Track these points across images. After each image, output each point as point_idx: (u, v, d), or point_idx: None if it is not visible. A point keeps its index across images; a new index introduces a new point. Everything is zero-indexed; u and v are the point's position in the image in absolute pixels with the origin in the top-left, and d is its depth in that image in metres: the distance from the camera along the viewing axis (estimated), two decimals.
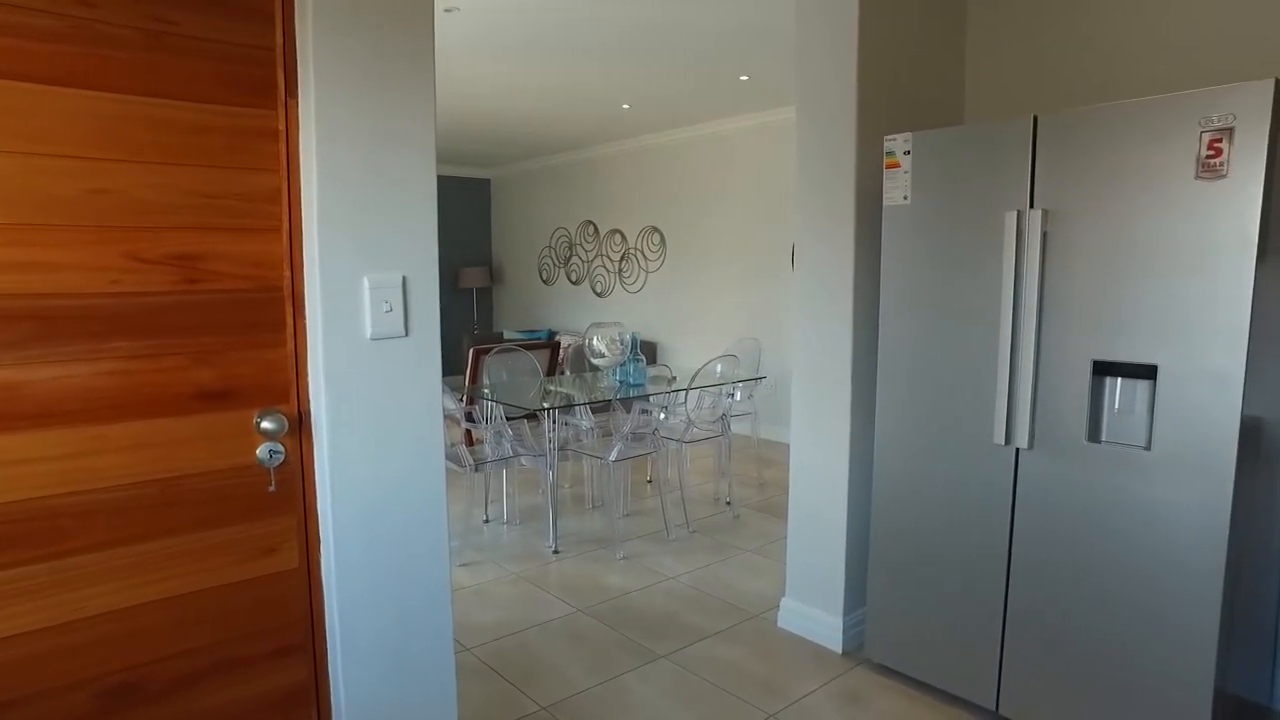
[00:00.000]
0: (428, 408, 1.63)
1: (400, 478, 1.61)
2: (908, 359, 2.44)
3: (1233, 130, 1.76)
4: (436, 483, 1.66)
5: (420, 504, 1.64)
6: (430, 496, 1.65)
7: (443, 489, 1.68)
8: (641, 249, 7.61)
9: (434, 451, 1.65)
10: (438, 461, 1.66)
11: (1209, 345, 1.83)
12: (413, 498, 1.63)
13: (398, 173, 1.54)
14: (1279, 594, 2.36)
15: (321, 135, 1.44)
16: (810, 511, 2.84)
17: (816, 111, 2.66)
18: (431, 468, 1.65)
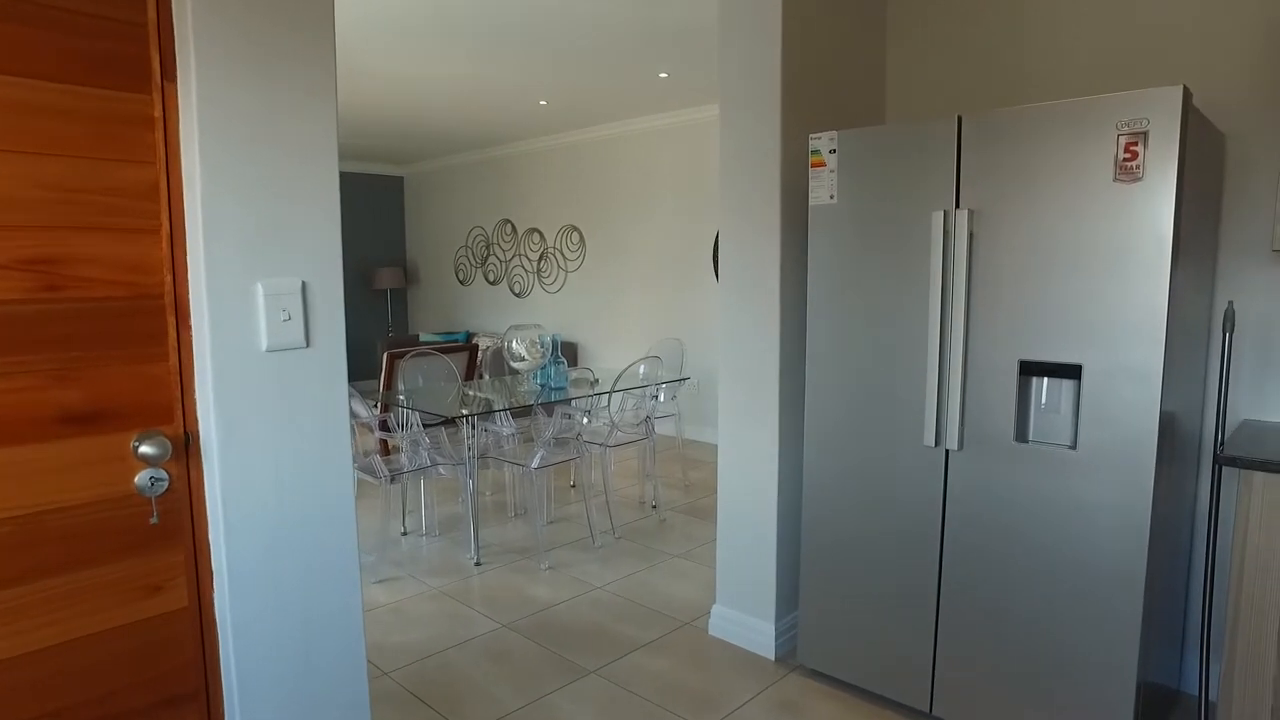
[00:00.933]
0: (333, 424, 1.49)
1: (304, 503, 1.46)
2: (836, 360, 2.42)
3: (1147, 134, 1.79)
4: (344, 507, 1.52)
5: (327, 531, 1.50)
6: (338, 522, 1.51)
7: (352, 514, 1.54)
8: (561, 248, 7.48)
9: (341, 472, 1.51)
10: (345, 484, 1.52)
11: (1130, 344, 1.86)
12: (319, 524, 1.49)
13: (295, 167, 1.40)
14: (1185, 581, 2.45)
15: (205, 123, 1.28)
16: (739, 516, 2.79)
17: (740, 109, 2.62)
18: (338, 491, 1.50)
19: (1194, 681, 2.47)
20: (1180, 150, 1.76)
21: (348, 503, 1.52)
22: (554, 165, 7.44)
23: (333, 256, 1.46)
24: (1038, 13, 2.62)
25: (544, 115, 6.35)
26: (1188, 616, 2.48)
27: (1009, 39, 2.69)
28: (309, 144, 1.41)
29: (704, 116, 6.07)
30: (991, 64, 2.74)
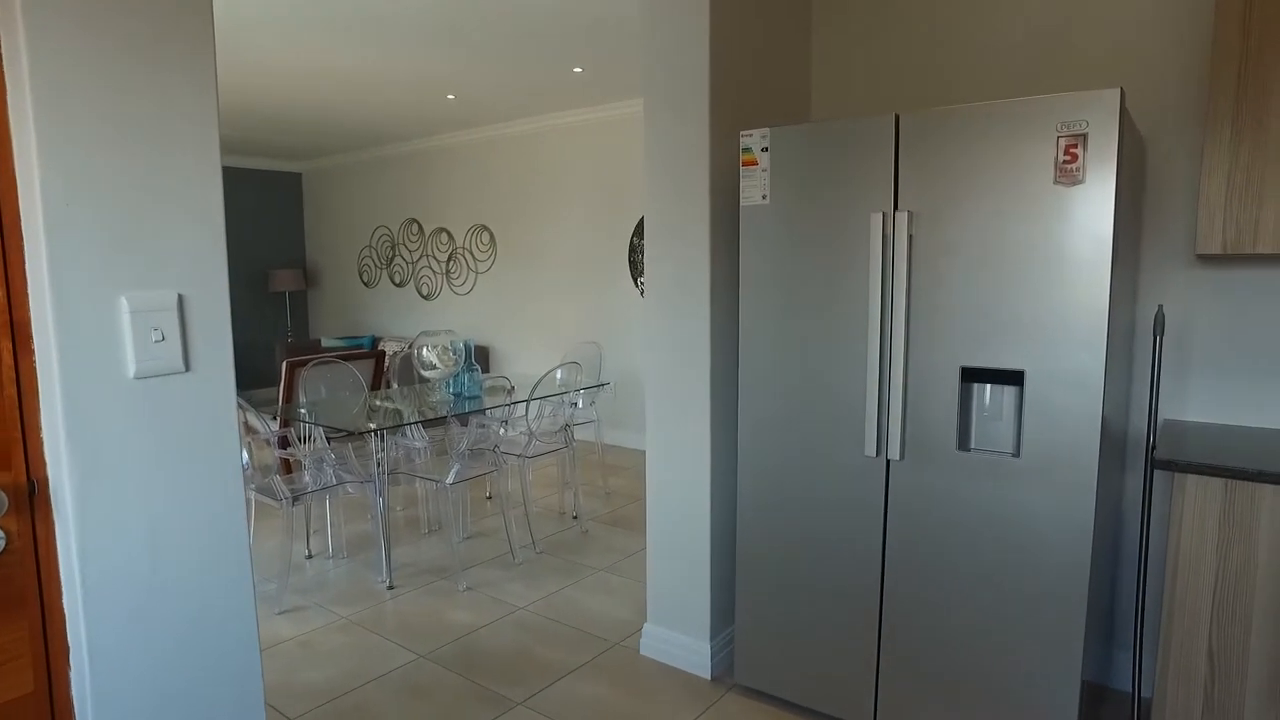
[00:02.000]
0: (220, 460, 1.27)
1: (185, 554, 1.24)
2: (771, 367, 2.32)
3: (1086, 136, 1.76)
4: (236, 554, 1.31)
5: (215, 583, 1.28)
6: (228, 571, 1.30)
7: (246, 563, 1.32)
8: (470, 248, 7.21)
9: (231, 514, 1.29)
10: (236, 527, 1.30)
11: (1072, 349, 1.83)
12: (205, 577, 1.27)
13: (166, 159, 1.18)
14: (1113, 579, 2.48)
15: (42, 100, 1.05)
16: (670, 531, 2.67)
17: (665, 105, 2.49)
18: (230, 540, 1.29)
19: (1122, 677, 2.50)
20: (1119, 153, 1.73)
21: (240, 549, 1.31)
22: (463, 162, 7.16)
23: (215, 264, 1.24)
24: (959, 10, 2.60)
25: (452, 110, 6.08)
26: (1115, 614, 2.52)
27: (932, 36, 2.66)
28: (183, 132, 1.19)
29: (621, 113, 5.94)
30: (916, 61, 2.71)
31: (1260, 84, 1.92)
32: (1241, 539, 1.84)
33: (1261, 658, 1.86)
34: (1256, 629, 1.85)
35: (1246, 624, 1.86)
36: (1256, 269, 2.20)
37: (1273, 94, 1.91)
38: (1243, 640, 1.87)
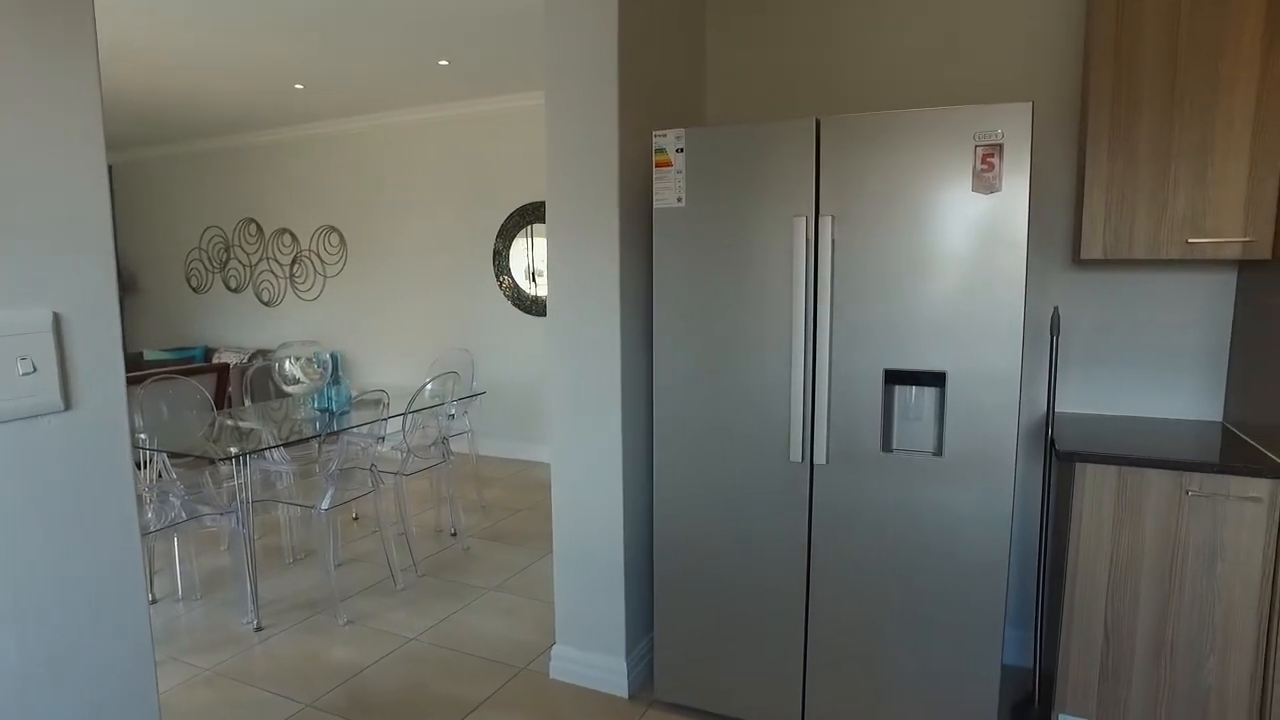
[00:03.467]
0: (112, 516, 1.04)
1: (69, 645, 1.00)
2: (688, 374, 2.27)
3: (1002, 147, 1.83)
4: (138, 646, 1.07)
5: (110, 672, 1.05)
6: (127, 656, 1.06)
7: (146, 640, 1.09)
8: (317, 251, 6.70)
9: (126, 584, 1.06)
10: (134, 601, 1.07)
11: (990, 350, 1.91)
12: (94, 663, 1.03)
13: (37, 143, 0.94)
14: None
15: None
16: (580, 546, 2.56)
17: (570, 102, 2.38)
18: (126, 611, 1.05)
19: (1017, 654, 2.66)
20: (1031, 163, 1.82)
21: (138, 621, 1.08)
22: (309, 158, 6.63)
23: (101, 276, 1.01)
24: (851, 22, 2.67)
25: (299, 101, 5.60)
26: (1009, 595, 2.68)
27: (825, 45, 2.72)
28: (57, 111, 0.96)
29: (490, 109, 5.71)
30: (808, 69, 2.75)
31: (1132, 104, 2.09)
32: (1132, 520, 1.99)
33: (1147, 625, 2.02)
34: (1144, 599, 2.01)
35: (1135, 596, 2.02)
36: (1131, 272, 2.41)
37: (1142, 117, 2.08)
38: (1132, 610, 2.03)
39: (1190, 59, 2.03)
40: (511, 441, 5.97)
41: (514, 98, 5.55)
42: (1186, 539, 1.95)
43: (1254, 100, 1.99)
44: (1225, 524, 1.91)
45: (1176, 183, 2.06)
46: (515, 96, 5.54)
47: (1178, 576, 1.97)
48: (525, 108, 5.58)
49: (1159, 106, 2.06)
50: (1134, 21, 2.07)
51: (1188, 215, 2.06)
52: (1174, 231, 2.07)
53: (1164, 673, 2.02)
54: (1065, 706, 2.12)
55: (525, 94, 5.50)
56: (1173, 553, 1.97)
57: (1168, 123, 2.06)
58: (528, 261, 5.74)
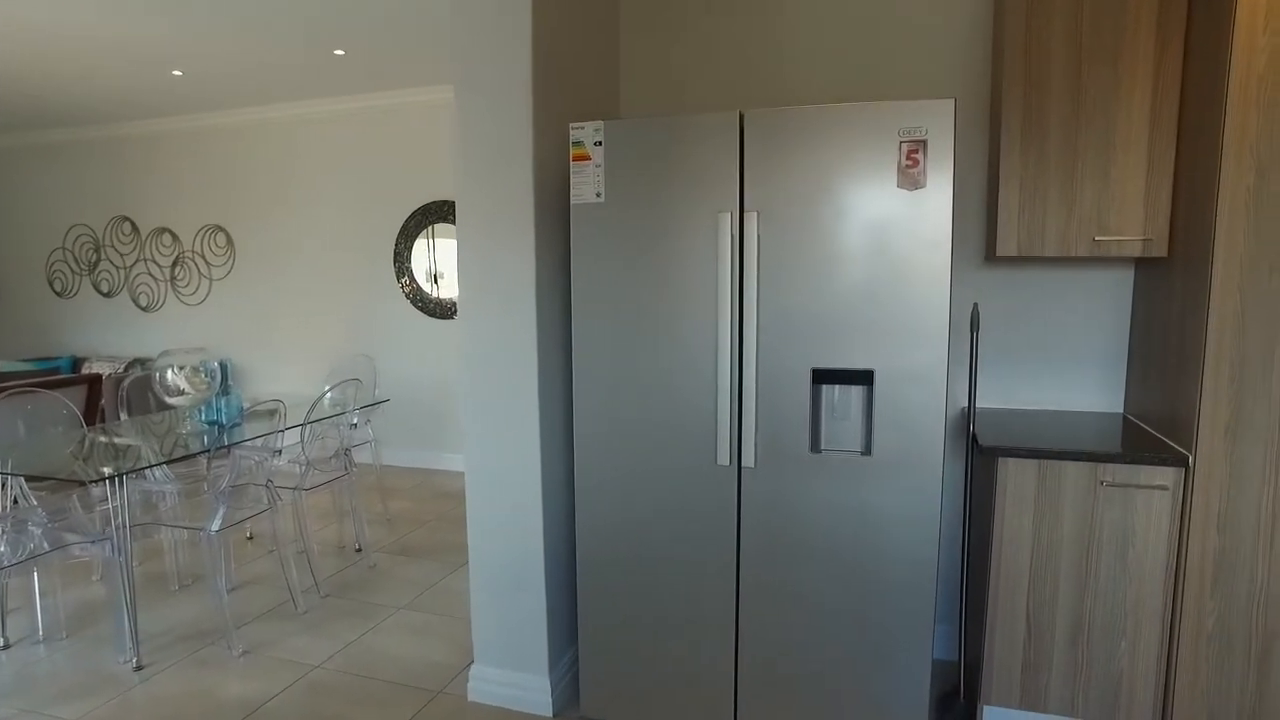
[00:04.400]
0: None
1: None
2: (610, 377, 2.18)
3: (926, 143, 1.83)
4: None
5: None
6: None
7: None
8: (201, 252, 6.25)
9: None
10: None
11: (917, 347, 1.90)
12: None
13: None
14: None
15: None
16: (498, 558, 2.43)
17: (480, 93, 2.25)
18: None
19: (941, 648, 2.70)
20: (954, 159, 1.82)
21: None
22: (192, 152, 6.18)
23: None
24: (764, 18, 2.65)
25: (179, 89, 5.19)
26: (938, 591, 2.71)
27: (740, 41, 2.69)
28: None
29: (391, 103, 5.45)
30: (724, 64, 2.72)
31: (1042, 103, 2.14)
32: (1051, 511, 2.04)
33: (1065, 613, 2.07)
34: (1063, 587, 2.06)
35: (1055, 585, 2.06)
36: (1041, 269, 2.48)
37: (1051, 116, 2.14)
38: (1052, 599, 2.07)
39: (1092, 60, 2.09)
40: (417, 450, 5.72)
41: (416, 91, 5.33)
42: (1101, 527, 2.00)
43: (1149, 102, 2.07)
44: (1135, 512, 1.98)
45: (1084, 180, 2.13)
46: (417, 90, 5.32)
47: (1093, 564, 2.02)
48: (428, 102, 5.36)
49: (1066, 105, 2.12)
50: (1042, 22, 2.12)
51: (1094, 213, 2.13)
52: (1082, 229, 2.14)
53: (1081, 657, 2.07)
54: (990, 698, 2.15)
55: (428, 88, 5.28)
56: (1089, 541, 2.02)
57: (1074, 121, 2.12)
58: (429, 263, 5.52)
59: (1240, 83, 1.77)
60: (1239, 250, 1.80)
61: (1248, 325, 1.82)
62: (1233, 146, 1.79)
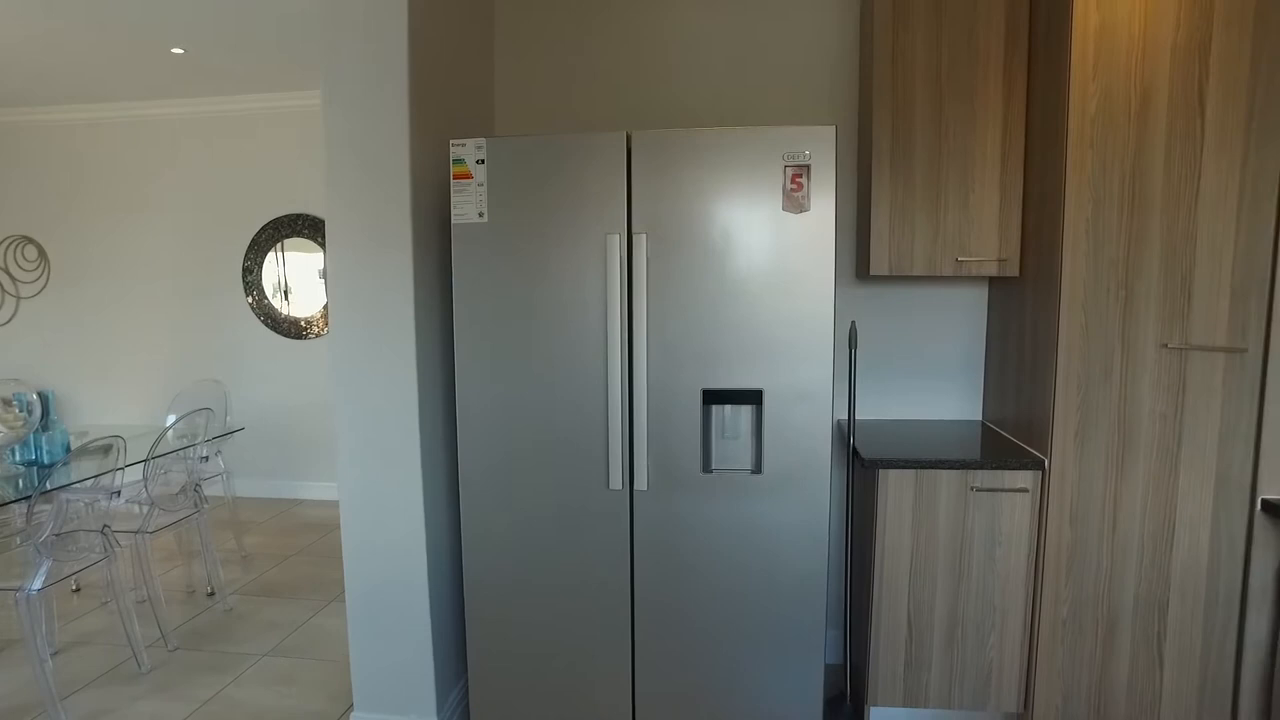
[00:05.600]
0: None
1: None
2: (496, 401, 2.11)
3: (810, 167, 1.90)
4: None
5: None
6: None
7: None
8: (6, 268, 5.55)
9: None
10: None
11: (804, 366, 1.96)
12: None
13: None
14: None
15: None
16: (378, 594, 2.29)
17: (352, 104, 2.12)
18: None
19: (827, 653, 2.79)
20: (837, 183, 1.90)
21: None
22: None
23: None
24: (639, 40, 2.68)
25: None
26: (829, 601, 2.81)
27: (614, 64, 2.70)
28: None
29: (239, 108, 5.04)
30: (602, 87, 2.71)
31: (908, 134, 2.28)
32: (928, 517, 2.16)
33: (943, 612, 2.20)
34: (939, 588, 2.19)
35: (933, 587, 2.19)
36: (909, 287, 2.63)
37: (916, 146, 2.28)
38: (930, 601, 2.20)
39: (952, 97, 2.25)
40: (274, 480, 5.33)
41: (268, 97, 4.98)
42: (972, 530, 2.15)
43: (1000, 137, 2.25)
44: (1001, 513, 2.13)
45: (947, 205, 2.28)
46: (269, 96, 4.97)
47: (966, 565, 2.16)
48: (280, 109, 5.02)
49: (931, 136, 2.27)
50: (907, 61, 2.26)
51: (956, 236, 2.29)
52: (947, 250, 2.29)
53: (957, 653, 2.21)
54: (876, 699, 2.25)
55: (282, 94, 4.95)
56: (961, 544, 2.15)
57: (938, 151, 2.27)
58: (278, 277, 5.17)
59: (1076, 124, 1.96)
60: (1081, 272, 1.99)
61: (1091, 340, 2.01)
62: (1073, 180, 1.97)
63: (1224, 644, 2.05)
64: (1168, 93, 1.92)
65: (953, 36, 2.24)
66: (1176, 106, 1.92)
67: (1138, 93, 1.93)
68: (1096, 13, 1.92)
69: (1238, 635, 2.04)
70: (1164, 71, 1.91)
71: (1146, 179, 1.95)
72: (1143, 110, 1.93)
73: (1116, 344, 2.00)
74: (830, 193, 1.90)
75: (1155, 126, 1.93)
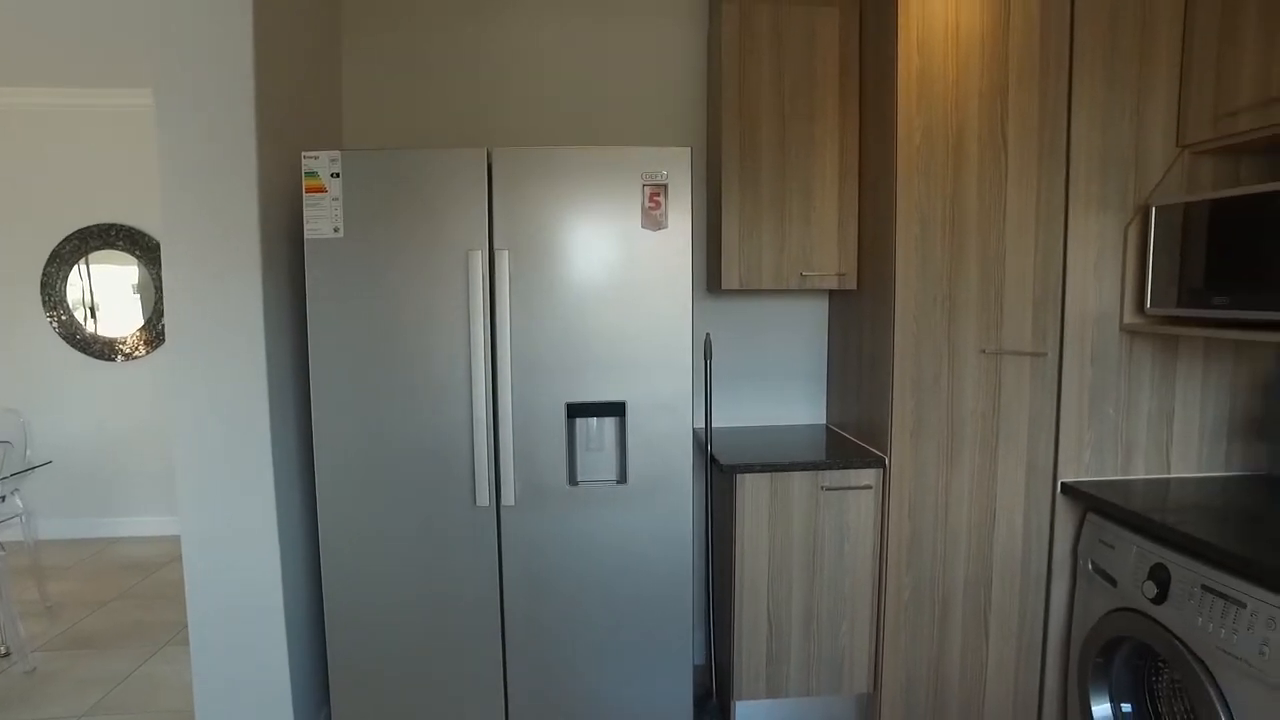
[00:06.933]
0: None
1: None
2: (356, 420, 2.03)
3: (667, 187, 1.97)
4: None
5: None
6: None
7: None
8: None
9: None
10: None
11: (665, 378, 2.04)
12: None
13: None
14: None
15: None
16: (228, 632, 2.12)
17: (191, 107, 1.97)
18: None
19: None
20: (692, 202, 1.99)
21: None
22: None
23: None
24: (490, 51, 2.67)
25: None
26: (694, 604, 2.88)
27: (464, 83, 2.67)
28: None
29: (40, 103, 4.50)
30: (455, 104, 2.68)
31: (755, 155, 2.41)
32: (783, 517, 2.29)
33: (799, 607, 2.33)
34: (795, 585, 2.32)
35: (790, 583, 2.32)
36: (758, 299, 2.78)
37: (763, 166, 2.42)
38: (788, 597, 2.33)
39: (795, 119, 2.42)
40: (83, 518, 4.79)
41: (76, 93, 4.48)
42: (824, 527, 2.30)
43: (838, 160, 2.44)
44: (848, 510, 2.30)
45: (792, 222, 2.44)
46: (79, 92, 4.48)
47: (819, 561, 2.31)
48: (90, 107, 4.54)
49: (776, 156, 2.42)
50: (753, 85, 2.40)
51: (801, 251, 2.45)
52: (792, 265, 2.45)
53: (813, 644, 2.35)
54: (741, 694, 2.35)
55: (92, 90, 4.47)
56: (815, 540, 2.30)
57: (782, 172, 2.43)
58: (82, 292, 4.68)
59: (904, 153, 2.16)
60: (913, 286, 2.19)
61: (922, 347, 2.21)
62: (903, 203, 2.17)
63: (1035, 611, 2.32)
64: (978, 130, 2.16)
65: (793, 64, 2.40)
66: (985, 142, 2.16)
67: (954, 129, 2.15)
68: (918, 58, 2.13)
69: (1045, 602, 2.31)
70: (974, 112, 2.15)
71: (964, 204, 2.18)
72: (959, 144, 2.16)
73: (944, 350, 2.21)
74: (686, 211, 1.98)
75: (969, 158, 2.17)
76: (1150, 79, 2.14)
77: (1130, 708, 2.06)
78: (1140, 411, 2.24)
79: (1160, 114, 2.15)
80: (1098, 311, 2.21)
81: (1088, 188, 2.17)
